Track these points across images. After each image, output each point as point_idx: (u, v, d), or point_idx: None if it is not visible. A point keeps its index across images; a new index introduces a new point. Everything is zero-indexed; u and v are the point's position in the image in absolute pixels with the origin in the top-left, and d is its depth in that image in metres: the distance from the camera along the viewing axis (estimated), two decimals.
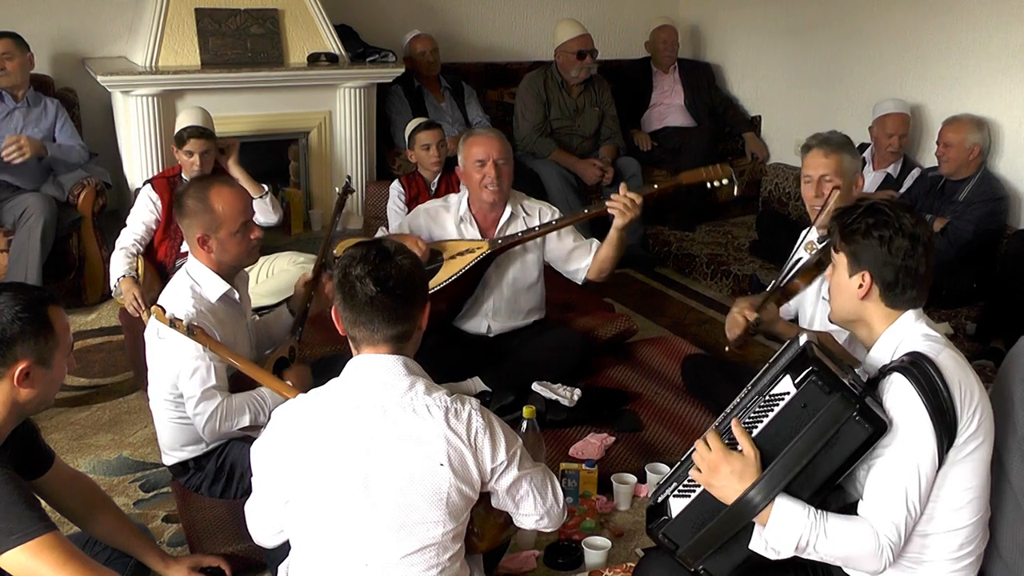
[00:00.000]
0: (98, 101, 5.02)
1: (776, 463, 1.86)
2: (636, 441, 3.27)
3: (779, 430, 1.88)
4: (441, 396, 1.93)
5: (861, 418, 1.81)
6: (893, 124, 4.86)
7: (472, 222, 3.54)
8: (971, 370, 1.95)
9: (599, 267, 3.52)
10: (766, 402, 1.93)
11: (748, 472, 1.87)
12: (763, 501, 1.85)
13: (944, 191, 4.55)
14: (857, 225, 2.01)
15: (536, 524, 2.07)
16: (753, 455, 1.87)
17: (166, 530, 2.86)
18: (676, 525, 2.00)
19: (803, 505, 1.85)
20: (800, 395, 1.85)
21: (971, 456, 1.89)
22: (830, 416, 1.82)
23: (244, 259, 2.81)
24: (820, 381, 1.83)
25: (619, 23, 6.44)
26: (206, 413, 2.63)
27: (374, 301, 1.91)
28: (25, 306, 1.92)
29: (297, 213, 5.24)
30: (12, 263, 4.20)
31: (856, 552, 1.85)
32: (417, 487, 1.87)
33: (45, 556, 1.81)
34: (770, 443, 1.88)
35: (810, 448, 1.83)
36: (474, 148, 3.44)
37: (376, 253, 1.95)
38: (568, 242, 3.57)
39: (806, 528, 1.83)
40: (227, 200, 2.71)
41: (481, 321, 3.62)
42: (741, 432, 1.90)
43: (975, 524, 1.93)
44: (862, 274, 2.00)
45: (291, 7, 5.12)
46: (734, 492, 1.88)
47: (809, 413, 1.84)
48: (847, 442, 1.83)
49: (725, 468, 1.88)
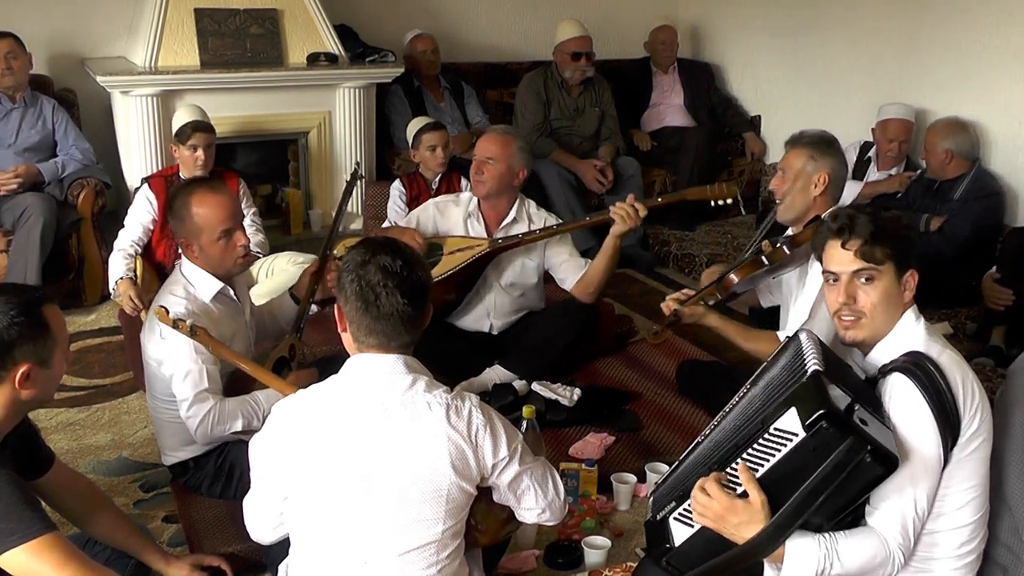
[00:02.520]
0: (97, 101, 5.02)
1: (787, 509, 1.79)
2: (636, 441, 3.27)
3: (787, 472, 1.80)
4: (441, 393, 1.93)
5: (874, 460, 1.73)
6: (894, 130, 4.85)
7: (480, 219, 3.59)
8: (970, 369, 1.95)
9: (587, 282, 3.54)
10: (771, 437, 1.83)
11: (756, 520, 1.80)
12: (772, 546, 1.80)
13: (940, 190, 4.55)
14: (886, 229, 1.96)
15: (538, 518, 2.07)
16: (760, 502, 1.80)
17: (166, 530, 2.86)
18: (680, 555, 1.96)
19: (812, 537, 1.81)
20: (810, 439, 1.75)
21: (973, 454, 1.89)
22: (842, 459, 1.73)
23: (230, 265, 2.76)
24: (831, 427, 1.73)
25: (619, 23, 6.44)
26: (198, 416, 2.63)
27: (400, 314, 1.90)
28: (20, 309, 1.92)
29: (297, 213, 5.24)
30: (11, 263, 4.21)
31: (870, 563, 1.84)
32: (418, 484, 1.87)
33: (45, 556, 1.81)
34: (777, 484, 1.81)
35: (823, 490, 1.76)
36: (479, 143, 3.58)
37: (402, 263, 1.91)
38: (563, 253, 3.61)
39: (821, 558, 1.81)
40: (209, 206, 2.68)
41: (482, 319, 3.64)
42: (749, 478, 1.83)
43: (977, 521, 1.94)
44: (910, 274, 1.98)
45: (290, 7, 5.12)
46: (742, 538, 1.83)
47: (819, 456, 1.75)
48: (858, 480, 1.76)
49: (732, 519, 1.83)
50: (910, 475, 1.83)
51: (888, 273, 1.98)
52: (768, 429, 1.83)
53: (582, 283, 3.54)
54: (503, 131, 3.62)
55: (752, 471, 1.84)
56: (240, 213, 2.82)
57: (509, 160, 3.50)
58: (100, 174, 4.60)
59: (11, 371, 1.91)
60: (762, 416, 1.87)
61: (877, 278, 1.98)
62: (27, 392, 1.94)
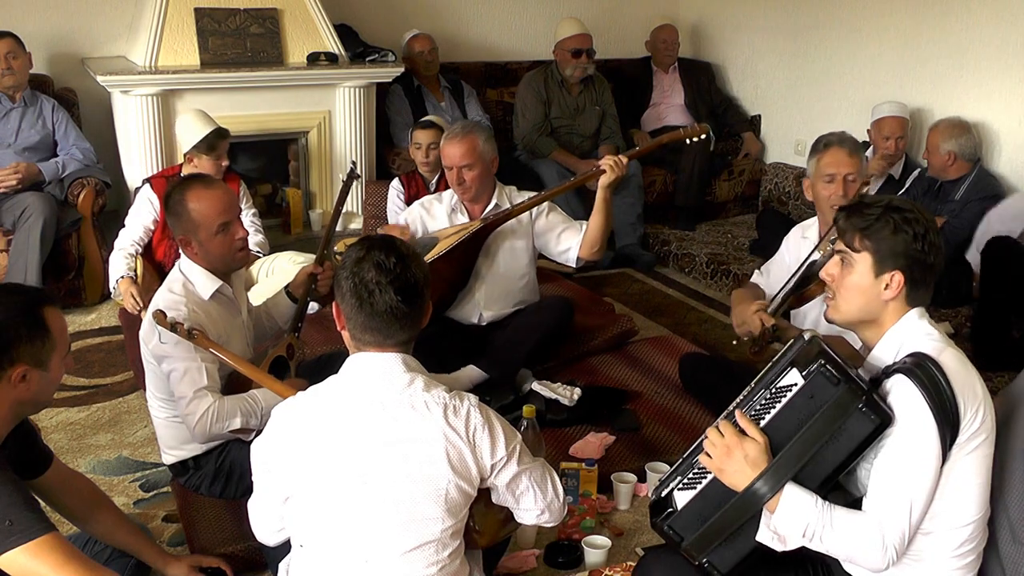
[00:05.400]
0: (97, 101, 5.02)
1: (785, 452, 1.87)
2: (636, 440, 3.27)
3: (786, 420, 1.89)
4: (440, 392, 1.92)
5: (867, 409, 1.82)
6: (890, 127, 4.86)
7: (463, 211, 3.61)
8: (972, 368, 1.95)
9: (590, 240, 3.52)
10: (772, 394, 1.94)
11: (761, 458, 1.88)
12: (772, 489, 1.86)
13: (941, 191, 4.55)
14: (882, 224, 1.95)
15: (537, 519, 2.07)
16: (764, 442, 1.88)
17: (166, 530, 2.86)
18: (682, 517, 2.00)
19: (811, 494, 1.86)
20: (808, 386, 1.87)
21: (974, 454, 1.89)
22: (837, 407, 1.83)
23: (230, 260, 2.76)
24: (828, 371, 1.84)
25: (619, 23, 6.44)
26: (196, 413, 2.62)
27: (394, 311, 1.89)
28: (21, 309, 1.91)
29: (297, 213, 5.24)
30: (12, 263, 4.21)
31: (860, 546, 1.84)
32: (416, 484, 1.87)
33: (45, 557, 1.81)
34: (777, 433, 1.89)
35: (817, 438, 1.85)
36: (443, 151, 3.54)
37: (396, 260, 1.91)
38: (558, 223, 3.60)
39: (813, 517, 1.84)
40: (205, 202, 2.67)
41: (473, 310, 3.65)
42: (747, 422, 1.92)
43: (977, 522, 1.93)
44: (892, 274, 1.95)
45: (290, 7, 5.12)
46: (745, 478, 1.88)
47: (816, 404, 1.85)
48: (853, 433, 1.84)
49: (738, 453, 1.89)
50: (909, 475, 1.84)
51: (863, 263, 1.98)
52: (771, 390, 1.94)
53: (586, 242, 3.53)
54: (461, 132, 3.51)
55: (755, 421, 1.92)
56: (237, 206, 2.81)
57: (482, 158, 3.49)
58: (100, 174, 4.60)
59: (7, 371, 1.91)
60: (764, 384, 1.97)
61: (849, 263, 2.01)
62: (23, 394, 1.94)
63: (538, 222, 3.60)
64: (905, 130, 4.88)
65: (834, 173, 3.01)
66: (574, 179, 3.70)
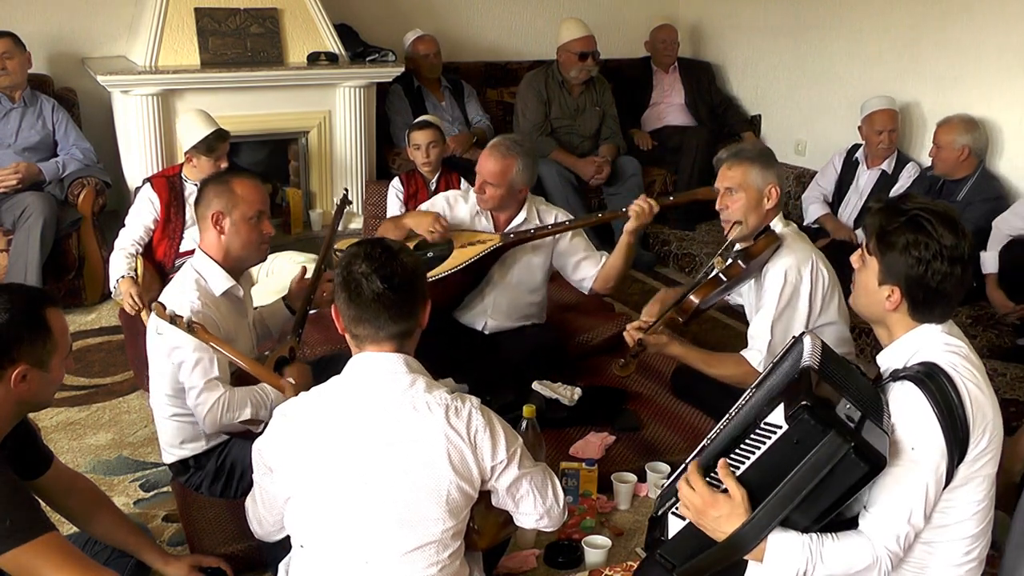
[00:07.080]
0: (98, 101, 5.02)
1: (767, 503, 1.78)
2: (636, 440, 3.27)
3: (770, 466, 1.78)
4: (441, 394, 1.93)
5: (857, 456, 1.69)
6: (881, 120, 4.85)
7: (488, 217, 3.58)
8: (986, 384, 1.90)
9: (606, 276, 3.54)
10: (759, 432, 1.83)
11: (735, 515, 1.80)
12: (754, 541, 1.80)
13: (943, 191, 4.54)
14: (896, 238, 1.90)
15: (536, 524, 2.07)
16: (740, 496, 1.80)
17: (166, 530, 2.86)
18: (671, 547, 1.96)
19: (797, 535, 1.80)
20: (792, 431, 1.74)
21: (980, 471, 1.86)
22: (824, 454, 1.70)
23: (252, 251, 2.81)
24: (813, 418, 1.71)
25: (619, 23, 6.44)
26: (207, 403, 2.62)
27: (381, 298, 1.91)
28: (22, 309, 1.91)
29: (297, 213, 5.24)
30: (12, 263, 4.21)
31: (854, 566, 1.81)
32: (417, 484, 1.87)
33: (45, 556, 1.81)
34: (760, 479, 1.80)
35: (804, 486, 1.74)
36: (480, 158, 3.50)
37: (381, 251, 1.95)
38: (579, 249, 3.59)
39: (802, 560, 1.79)
40: (247, 187, 2.79)
41: (479, 317, 3.63)
42: (727, 474, 1.82)
43: (980, 532, 1.92)
44: (892, 288, 1.92)
45: (291, 6, 5.12)
46: (722, 533, 1.83)
47: (802, 450, 1.73)
48: (844, 478, 1.72)
49: (712, 512, 1.83)
50: (909, 483, 1.80)
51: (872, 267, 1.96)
52: (759, 425, 1.84)
53: (601, 277, 3.54)
54: (505, 150, 3.42)
55: (735, 467, 1.84)
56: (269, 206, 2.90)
57: (509, 183, 3.43)
58: (100, 173, 4.60)
59: (7, 370, 1.91)
60: (755, 412, 1.89)
61: (864, 261, 2.01)
62: (23, 394, 1.94)
63: (560, 243, 3.59)
64: (896, 123, 4.87)
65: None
66: (602, 215, 3.82)
